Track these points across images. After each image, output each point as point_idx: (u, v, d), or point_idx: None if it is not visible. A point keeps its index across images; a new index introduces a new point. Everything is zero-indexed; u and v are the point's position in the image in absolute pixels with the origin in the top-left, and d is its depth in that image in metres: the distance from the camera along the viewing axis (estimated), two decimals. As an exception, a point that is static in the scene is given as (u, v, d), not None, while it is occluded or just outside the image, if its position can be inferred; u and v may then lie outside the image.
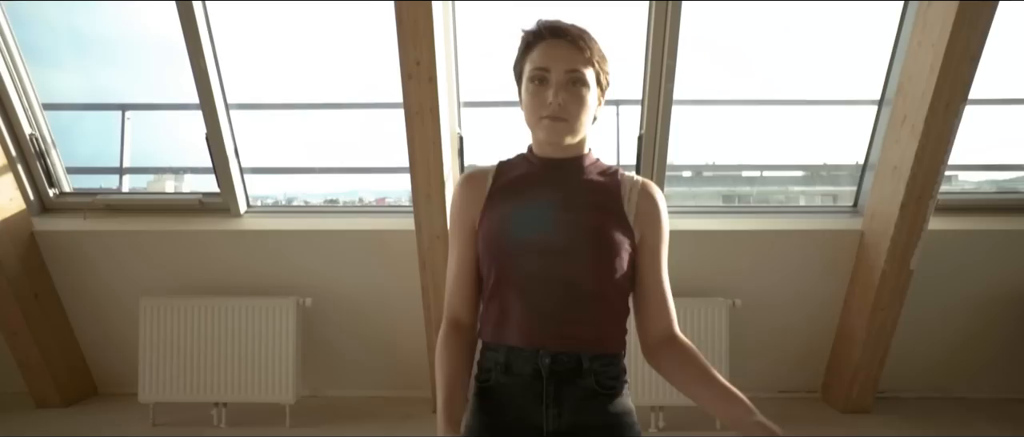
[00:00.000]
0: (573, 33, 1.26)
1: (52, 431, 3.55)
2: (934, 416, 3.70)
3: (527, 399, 1.24)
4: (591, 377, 1.25)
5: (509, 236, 1.26)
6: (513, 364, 1.25)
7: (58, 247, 3.81)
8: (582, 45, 1.24)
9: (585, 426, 1.24)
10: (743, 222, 3.79)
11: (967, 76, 2.98)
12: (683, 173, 7.48)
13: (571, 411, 1.24)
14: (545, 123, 1.25)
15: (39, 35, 4.07)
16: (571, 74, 1.24)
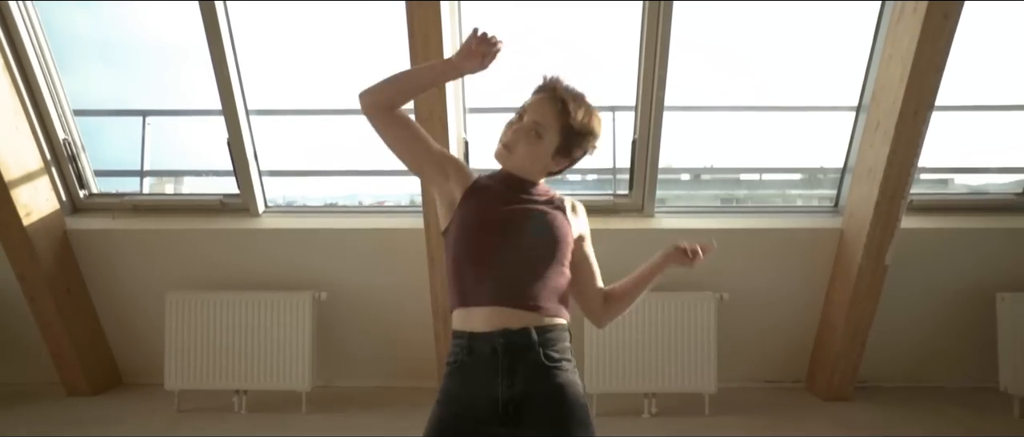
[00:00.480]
0: (561, 94, 1.57)
1: (83, 417, 3.79)
2: (910, 404, 3.94)
3: (489, 366, 1.49)
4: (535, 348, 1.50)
5: (480, 220, 1.56)
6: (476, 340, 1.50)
7: (88, 245, 4.07)
8: (563, 108, 1.55)
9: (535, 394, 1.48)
10: (730, 221, 4.04)
11: (933, 86, 3.24)
12: (682, 177, 7.75)
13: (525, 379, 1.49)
14: (497, 146, 1.61)
15: (62, 42, 4.31)
16: (535, 124, 1.53)
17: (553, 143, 1.58)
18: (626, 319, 3.75)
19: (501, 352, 1.46)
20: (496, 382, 1.46)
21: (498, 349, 1.46)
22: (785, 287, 4.04)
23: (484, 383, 1.46)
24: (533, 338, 1.48)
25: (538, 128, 1.55)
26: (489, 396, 1.46)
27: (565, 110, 1.55)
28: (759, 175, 4.94)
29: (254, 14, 3.93)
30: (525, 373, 1.47)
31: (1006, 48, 4.02)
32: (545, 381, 1.48)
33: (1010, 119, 4.18)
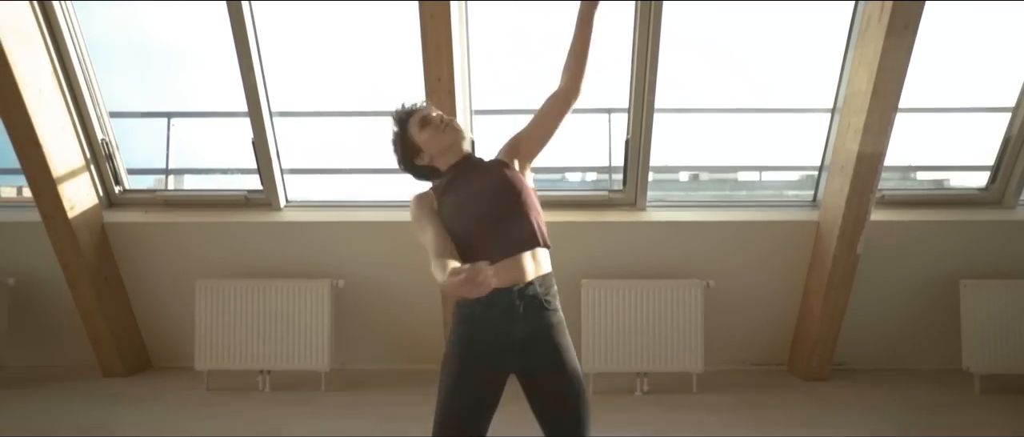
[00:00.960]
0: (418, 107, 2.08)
1: (121, 395, 4.13)
2: (882, 383, 4.27)
3: (508, 312, 1.85)
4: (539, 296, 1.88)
5: (457, 200, 1.96)
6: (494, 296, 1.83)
7: (123, 237, 4.41)
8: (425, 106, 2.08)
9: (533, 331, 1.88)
10: (716, 214, 4.37)
11: (896, 90, 3.57)
12: (680, 177, 8.10)
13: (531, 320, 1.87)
14: (445, 148, 2.05)
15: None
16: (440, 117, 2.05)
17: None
18: (620, 305, 4.12)
19: (518, 303, 1.84)
20: (512, 326, 1.84)
21: (515, 301, 1.83)
22: (767, 276, 4.37)
23: (502, 327, 1.84)
24: (537, 289, 1.87)
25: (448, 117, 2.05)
26: (508, 336, 1.84)
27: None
28: (759, 175, 5.23)
29: (270, 18, 4.27)
30: (533, 317, 1.85)
31: (970, 54, 4.35)
32: (546, 321, 1.89)
33: (973, 120, 4.49)
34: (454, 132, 2.01)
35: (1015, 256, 4.22)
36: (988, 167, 4.30)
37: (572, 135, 4.80)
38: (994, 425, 3.53)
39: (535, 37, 4.57)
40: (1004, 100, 4.16)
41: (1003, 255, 4.22)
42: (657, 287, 4.17)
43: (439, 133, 1.98)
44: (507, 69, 4.60)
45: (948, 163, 4.53)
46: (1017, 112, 4.10)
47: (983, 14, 4.18)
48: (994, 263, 4.22)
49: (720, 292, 4.26)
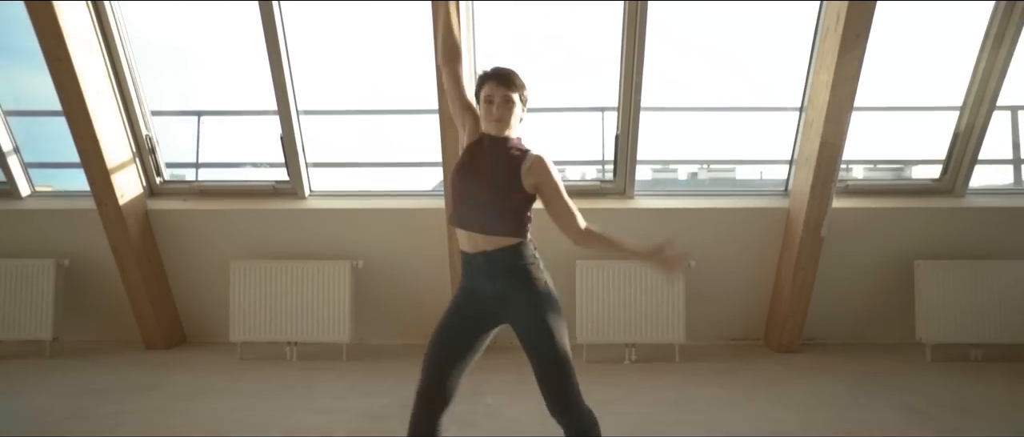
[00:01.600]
0: (508, 75, 2.25)
1: (164, 364, 4.62)
2: (845, 354, 4.76)
3: (476, 272, 2.21)
4: (500, 263, 2.17)
5: (463, 169, 2.25)
6: (465, 257, 2.22)
7: (164, 223, 4.91)
8: (512, 81, 2.26)
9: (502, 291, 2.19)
10: (697, 201, 4.87)
11: (851, 91, 4.06)
12: (679, 175, 8.61)
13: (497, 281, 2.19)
14: (493, 124, 2.25)
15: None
16: (505, 103, 2.24)
17: (517, 104, 2.28)
18: (610, 283, 4.61)
19: (482, 264, 2.19)
20: (486, 281, 2.20)
21: (480, 263, 2.19)
22: (743, 257, 4.85)
23: (481, 281, 2.21)
24: (491, 257, 2.18)
25: (507, 99, 2.24)
26: (484, 289, 2.20)
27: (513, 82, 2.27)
28: (760, 173, 5.68)
29: (294, 25, 4.76)
30: (502, 277, 2.18)
31: (925, 58, 4.84)
32: (515, 279, 2.18)
33: (927, 117, 4.97)
34: (495, 124, 2.24)
35: (963, 239, 4.70)
36: (940, 160, 4.78)
37: (570, 131, 5.33)
38: (938, 386, 4.01)
39: (534, 39, 5.08)
40: (954, 100, 4.64)
41: (953, 238, 4.70)
42: (644, 267, 4.66)
43: (488, 112, 2.25)
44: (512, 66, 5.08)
45: (905, 157, 5.02)
46: (964, 110, 4.59)
47: (934, 19, 4.68)
48: (945, 245, 4.70)
49: (701, 272, 4.74)
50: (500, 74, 2.26)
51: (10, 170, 4.87)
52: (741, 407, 3.66)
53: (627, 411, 3.59)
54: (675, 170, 8.97)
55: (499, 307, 2.20)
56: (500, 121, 2.24)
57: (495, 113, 2.24)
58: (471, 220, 2.19)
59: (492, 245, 2.17)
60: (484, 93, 2.27)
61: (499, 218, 2.18)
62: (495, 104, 2.24)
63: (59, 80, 4.14)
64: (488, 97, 2.26)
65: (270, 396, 3.90)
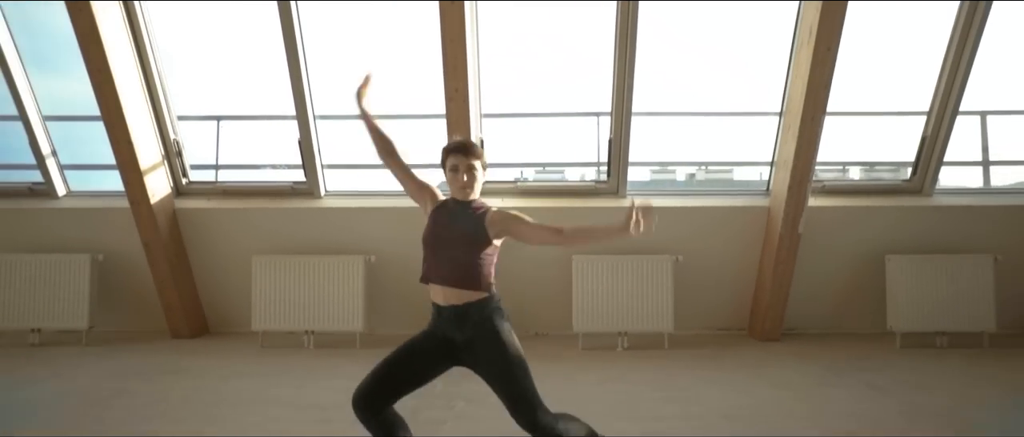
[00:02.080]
0: (469, 147, 2.48)
1: (192, 351, 4.99)
2: (821, 342, 5.14)
3: (445, 323, 2.40)
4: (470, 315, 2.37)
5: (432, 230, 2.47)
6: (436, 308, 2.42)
7: (191, 221, 5.29)
8: (473, 152, 2.47)
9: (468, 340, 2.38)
10: (685, 200, 5.24)
11: (824, 99, 4.44)
12: (677, 176, 8.94)
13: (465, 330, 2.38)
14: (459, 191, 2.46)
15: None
16: (470, 171, 2.45)
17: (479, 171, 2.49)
18: (604, 276, 4.97)
19: (449, 315, 2.40)
20: (455, 331, 2.40)
21: (451, 316, 2.39)
22: (728, 252, 5.23)
23: (450, 330, 2.40)
24: (457, 310, 2.38)
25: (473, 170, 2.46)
26: (453, 337, 2.40)
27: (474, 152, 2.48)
28: (759, 174, 6.03)
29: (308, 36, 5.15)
30: (471, 327, 2.38)
31: (895, 68, 5.22)
32: (483, 330, 2.38)
33: (898, 122, 5.34)
34: (462, 190, 2.46)
35: (931, 235, 5.08)
36: (910, 162, 5.16)
37: (568, 136, 5.71)
38: (902, 368, 4.38)
39: (535, 52, 5.46)
40: (922, 105, 5.01)
41: (921, 234, 5.08)
42: (635, 261, 5.04)
43: (455, 180, 2.46)
44: (511, 78, 5.48)
45: (878, 159, 5.40)
46: (931, 116, 4.96)
47: (905, 34, 5.06)
48: (914, 241, 5.08)
49: (688, 266, 5.12)
50: (463, 147, 2.50)
51: (49, 172, 5.25)
52: (721, 385, 4.04)
53: (618, 389, 3.97)
54: (673, 171, 9.35)
55: (464, 352, 2.42)
56: (466, 188, 2.46)
57: (462, 180, 2.45)
58: (445, 277, 2.40)
59: (462, 299, 2.38)
60: (450, 164, 2.47)
61: (470, 275, 2.40)
62: (461, 172, 2.45)
63: (100, 90, 4.53)
64: (454, 167, 2.46)
65: (292, 377, 4.27)
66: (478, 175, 2.50)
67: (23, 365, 4.56)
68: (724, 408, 3.62)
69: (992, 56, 5.06)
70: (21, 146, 5.28)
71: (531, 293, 5.15)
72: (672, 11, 5.11)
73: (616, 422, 3.35)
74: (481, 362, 2.40)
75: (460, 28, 4.34)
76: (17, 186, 5.40)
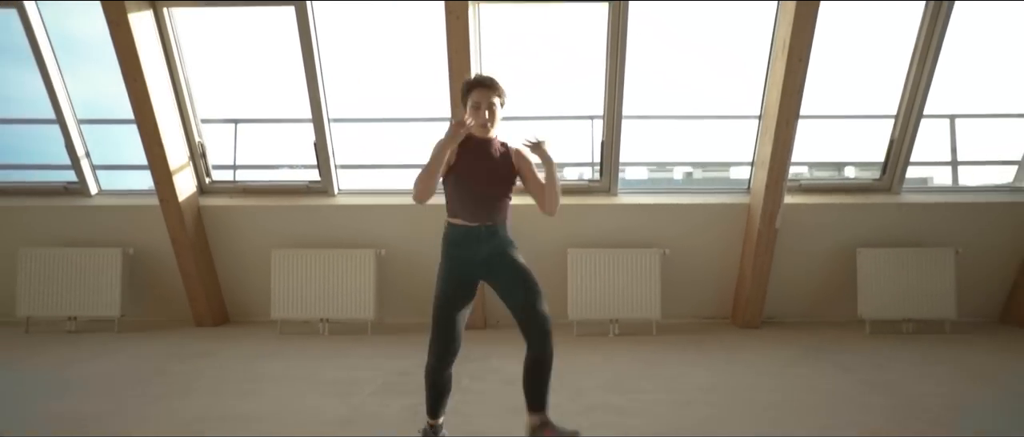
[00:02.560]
0: (492, 83, 2.70)
1: (216, 337, 5.41)
2: (797, 329, 5.56)
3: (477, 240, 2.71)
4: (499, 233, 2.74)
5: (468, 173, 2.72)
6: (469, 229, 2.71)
7: (214, 217, 5.70)
8: (496, 89, 2.72)
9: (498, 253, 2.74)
10: (672, 198, 5.67)
11: (796, 104, 4.86)
12: (675, 175, 9.32)
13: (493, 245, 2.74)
14: (480, 128, 2.70)
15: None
16: (490, 107, 2.71)
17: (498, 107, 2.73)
18: (597, 267, 5.39)
19: (483, 233, 2.71)
20: (480, 246, 2.71)
21: (481, 232, 2.71)
22: (712, 246, 5.64)
23: (474, 247, 2.70)
24: (492, 228, 2.73)
25: (491, 103, 2.68)
26: (477, 253, 2.70)
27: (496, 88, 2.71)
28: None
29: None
30: (494, 243, 2.73)
31: (866, 74, 5.64)
32: (503, 245, 2.75)
33: (869, 125, 5.75)
34: (482, 128, 2.68)
35: (898, 230, 5.50)
36: (879, 163, 5.58)
37: (565, 138, 6.13)
38: (868, 351, 4.80)
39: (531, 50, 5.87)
40: (890, 109, 5.43)
41: (889, 229, 5.50)
42: (625, 254, 5.46)
43: (476, 116, 2.67)
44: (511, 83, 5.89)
45: (849, 159, 5.82)
46: (898, 120, 5.38)
47: (877, 43, 5.48)
48: (882, 235, 5.50)
49: (675, 259, 5.54)
50: (486, 82, 2.66)
51: (82, 171, 5.67)
52: (702, 365, 4.46)
53: (609, 369, 4.39)
54: (671, 170, 9.75)
55: (481, 268, 2.72)
56: (487, 125, 2.67)
57: (482, 117, 2.66)
58: (479, 207, 2.70)
59: (494, 221, 2.73)
60: (472, 99, 2.67)
61: (502, 205, 2.77)
62: (482, 109, 2.65)
63: (135, 97, 4.95)
64: (476, 103, 2.66)
65: (310, 359, 4.69)
66: (498, 112, 2.68)
67: (65, 349, 4.98)
68: (702, 383, 4.04)
69: (960, 63, 5.50)
70: (56, 148, 5.70)
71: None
72: (666, 18, 5.54)
73: (604, 395, 3.78)
74: (502, 266, 2.71)
75: (465, 39, 4.76)
76: (53, 185, 5.82)
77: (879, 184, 5.59)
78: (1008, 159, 5.81)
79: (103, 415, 3.47)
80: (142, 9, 4.96)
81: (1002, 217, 5.46)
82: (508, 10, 5.33)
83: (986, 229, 5.47)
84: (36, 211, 5.69)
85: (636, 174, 7.27)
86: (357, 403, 3.69)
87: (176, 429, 3.28)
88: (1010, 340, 5.16)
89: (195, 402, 3.71)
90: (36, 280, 5.54)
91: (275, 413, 3.52)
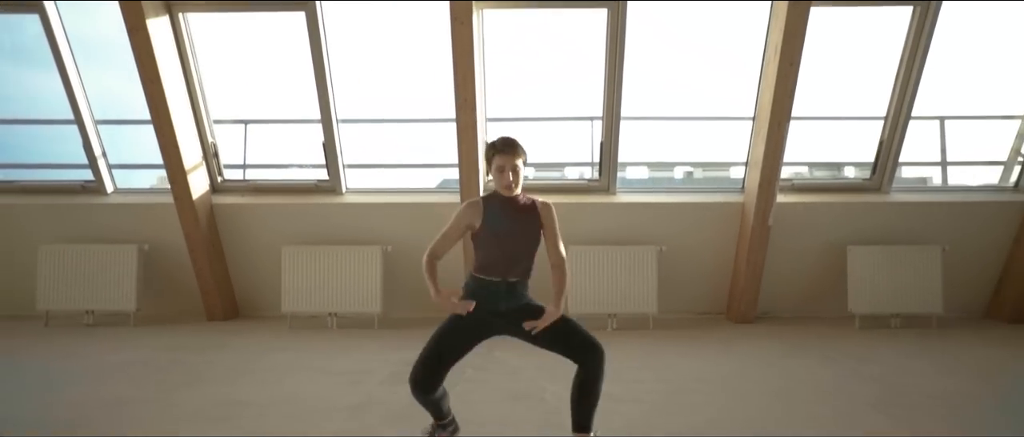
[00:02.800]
0: (515, 147, 2.76)
1: (226, 331, 5.61)
2: (790, 324, 5.75)
3: (496, 295, 2.77)
4: (518, 289, 2.81)
5: (495, 231, 2.78)
6: (490, 283, 2.76)
7: (226, 215, 5.90)
8: (518, 152, 2.78)
9: (516, 308, 2.79)
10: (668, 197, 5.85)
11: (788, 107, 5.04)
12: (675, 175, 9.51)
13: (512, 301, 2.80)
14: (505, 189, 2.77)
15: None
16: (515, 170, 2.76)
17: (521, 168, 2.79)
18: (596, 263, 5.58)
19: (505, 288, 2.77)
20: (498, 301, 2.77)
21: (502, 288, 2.77)
22: (708, 243, 5.83)
23: (496, 299, 2.77)
24: (514, 283, 2.79)
25: (515, 167, 2.76)
26: (497, 307, 2.77)
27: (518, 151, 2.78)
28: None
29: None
30: (512, 297, 2.80)
31: (858, 78, 5.83)
32: (524, 300, 2.83)
33: (860, 126, 5.94)
34: (508, 188, 2.75)
35: (887, 228, 5.69)
36: (870, 163, 5.77)
37: (567, 140, 6.32)
38: (856, 345, 4.99)
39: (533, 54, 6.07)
40: (879, 111, 5.62)
41: (879, 227, 5.69)
42: (623, 251, 5.65)
43: (500, 179, 2.76)
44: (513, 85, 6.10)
45: (850, 159, 6.02)
46: (887, 121, 5.57)
47: (869, 47, 5.67)
48: (872, 233, 5.69)
49: (671, 255, 5.73)
50: (509, 145, 2.77)
51: (99, 171, 5.87)
52: (696, 357, 4.65)
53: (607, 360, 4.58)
54: (672, 170, 9.96)
55: (502, 321, 2.79)
56: (512, 186, 2.77)
57: (507, 180, 2.75)
58: (508, 264, 2.77)
59: (517, 277, 2.80)
60: (496, 163, 2.76)
61: (528, 263, 2.83)
62: (506, 172, 2.75)
63: (152, 99, 5.15)
64: (500, 167, 2.76)
65: (320, 351, 4.89)
66: (521, 173, 2.79)
67: (84, 341, 5.18)
68: (695, 373, 4.23)
69: (950, 66, 5.70)
70: (73, 148, 5.90)
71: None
72: (665, 20, 5.73)
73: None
74: (525, 316, 2.74)
75: (469, 43, 4.95)
76: (71, 184, 6.02)
77: (869, 184, 5.78)
78: (995, 160, 5.99)
79: (126, 401, 3.67)
80: (159, 14, 5.16)
81: (987, 216, 5.65)
82: (510, 15, 5.53)
83: (972, 227, 5.66)
84: (55, 209, 5.89)
85: (637, 174, 7.46)
86: (368, 390, 3.89)
87: (198, 413, 3.48)
88: (994, 335, 5.35)
89: (214, 389, 3.91)
90: (55, 276, 5.75)
91: (292, 398, 3.73)
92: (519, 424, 3.38)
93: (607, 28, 5.34)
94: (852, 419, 3.38)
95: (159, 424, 3.33)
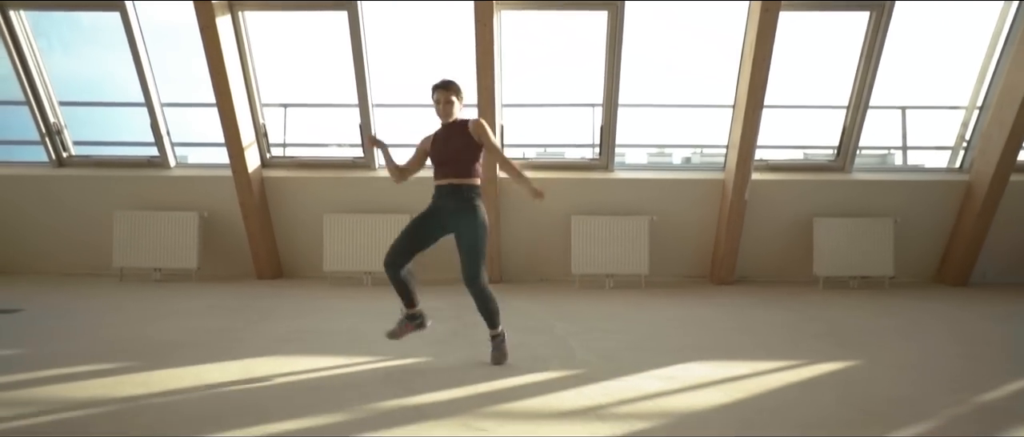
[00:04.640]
0: (446, 85, 3.59)
1: (276, 287, 6.50)
2: (763, 285, 6.64)
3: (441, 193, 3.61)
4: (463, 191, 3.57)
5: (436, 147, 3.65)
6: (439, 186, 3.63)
7: (274, 187, 6.78)
8: (449, 88, 3.60)
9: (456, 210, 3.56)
10: (660, 173, 6.73)
11: (761, 95, 5.90)
12: (674, 160, 10.35)
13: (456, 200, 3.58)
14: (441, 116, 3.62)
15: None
16: (447, 102, 3.61)
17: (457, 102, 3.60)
18: (595, 232, 6.45)
19: (447, 191, 3.57)
20: (448, 200, 3.56)
21: (448, 190, 3.56)
22: (693, 215, 6.71)
23: (444, 201, 3.58)
24: (454, 189, 3.55)
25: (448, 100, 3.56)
26: (446, 206, 3.57)
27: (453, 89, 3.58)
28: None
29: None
30: (459, 200, 3.55)
31: (822, 68, 6.68)
32: (466, 204, 3.53)
33: (826, 114, 6.80)
34: (444, 114, 3.57)
35: (849, 202, 6.57)
36: (834, 146, 6.63)
37: (570, 124, 7.18)
38: (815, 302, 5.87)
39: (544, 43, 6.91)
40: (843, 101, 6.48)
41: (841, 202, 6.57)
42: (619, 221, 6.53)
43: (438, 110, 3.58)
44: (526, 75, 6.95)
45: (810, 143, 6.90)
46: (849, 110, 6.43)
47: (835, 45, 6.52)
48: (836, 207, 6.57)
49: (662, 224, 6.61)
50: (442, 84, 3.57)
51: (164, 147, 6.75)
52: (678, 307, 5.55)
53: (603, 309, 5.48)
54: (670, 154, 10.82)
55: (450, 220, 3.57)
56: (444, 115, 3.60)
57: (441, 110, 3.58)
58: (446, 171, 3.58)
59: (456, 182, 3.56)
60: (433, 97, 3.58)
61: (462, 167, 3.54)
62: (440, 104, 3.57)
63: (217, 86, 6.01)
64: (436, 100, 3.58)
65: (359, 301, 5.79)
66: (455, 105, 3.57)
67: (155, 293, 6.08)
68: (676, 317, 5.13)
69: (910, 61, 6.56)
70: (141, 127, 6.77)
71: (540, 246, 6.66)
72: (664, 21, 6.58)
73: (600, 322, 4.87)
74: (461, 226, 3.50)
75: (490, 41, 5.81)
76: (139, 159, 6.90)
77: (833, 164, 6.65)
78: (947, 145, 6.85)
79: (225, 328, 4.57)
80: (223, 13, 6.02)
81: (935, 193, 6.53)
82: (524, 16, 6.37)
83: (922, 203, 6.54)
84: (126, 181, 6.78)
85: (636, 158, 8.31)
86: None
87: (280, 337, 4.38)
88: (936, 293, 6.25)
89: (286, 323, 4.81)
90: (128, 238, 6.64)
91: (350, 330, 4.62)
92: (535, 347, 4.26)
93: (607, 24, 6.18)
94: (797, 345, 4.27)
95: (257, 346, 4.20)
